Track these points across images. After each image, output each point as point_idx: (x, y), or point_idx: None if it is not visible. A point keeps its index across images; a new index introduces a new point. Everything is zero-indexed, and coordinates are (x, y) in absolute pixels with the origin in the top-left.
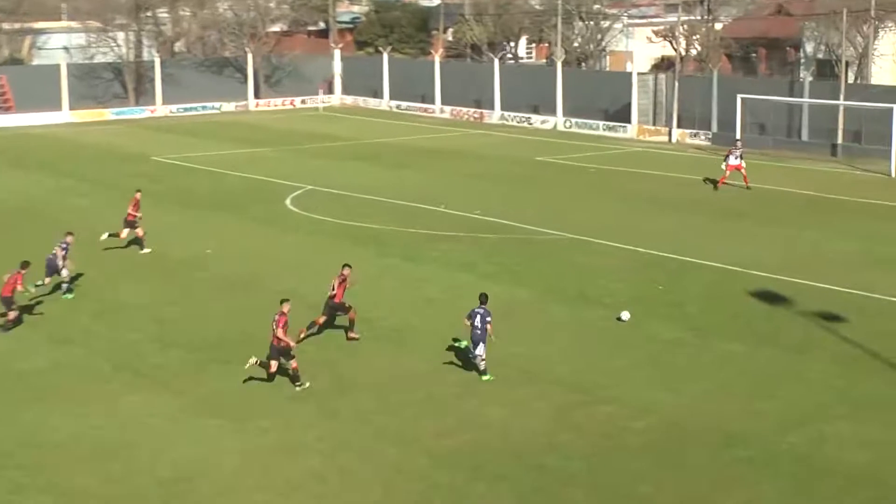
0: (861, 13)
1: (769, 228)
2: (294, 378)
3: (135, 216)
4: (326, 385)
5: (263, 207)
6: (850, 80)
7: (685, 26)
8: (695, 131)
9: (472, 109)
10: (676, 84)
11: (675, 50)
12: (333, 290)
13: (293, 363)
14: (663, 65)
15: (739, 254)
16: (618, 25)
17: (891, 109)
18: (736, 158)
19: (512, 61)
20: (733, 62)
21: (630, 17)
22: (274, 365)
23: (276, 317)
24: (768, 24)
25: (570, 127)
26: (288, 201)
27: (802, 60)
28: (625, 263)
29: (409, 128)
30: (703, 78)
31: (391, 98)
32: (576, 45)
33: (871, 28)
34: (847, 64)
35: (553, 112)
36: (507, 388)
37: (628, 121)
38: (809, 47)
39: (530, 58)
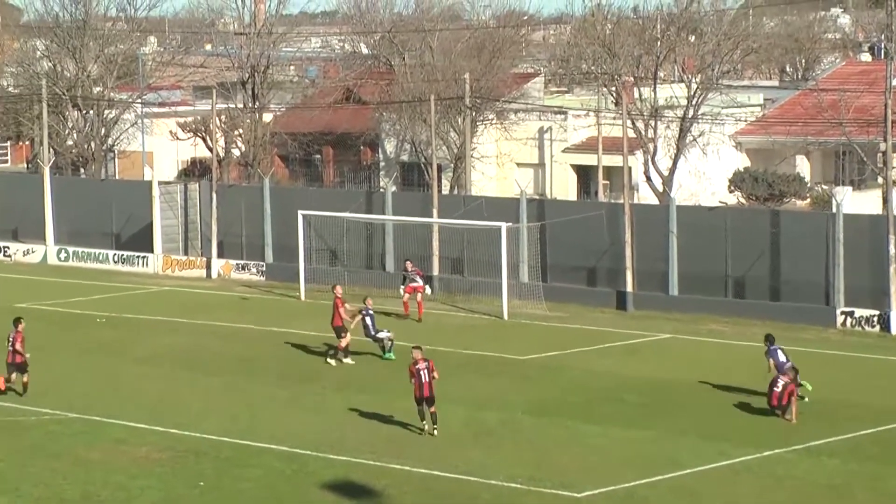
0: (453, 101)
1: (351, 395)
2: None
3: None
4: None
5: None
6: (446, 189)
7: (223, 117)
8: (243, 262)
9: None
10: (215, 197)
11: (211, 150)
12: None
13: (26, 377)
14: (196, 170)
15: (313, 431)
16: (130, 116)
17: (499, 229)
18: (412, 279)
19: None
20: (291, 166)
21: (146, 104)
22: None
23: (12, 335)
24: (335, 115)
25: (67, 259)
26: None
27: (382, 164)
28: (157, 452)
29: None
30: (250, 188)
31: None
32: (70, 142)
33: (466, 121)
34: (440, 169)
35: (41, 238)
36: None
37: (150, 249)
38: (390, 147)
39: (5, 161)
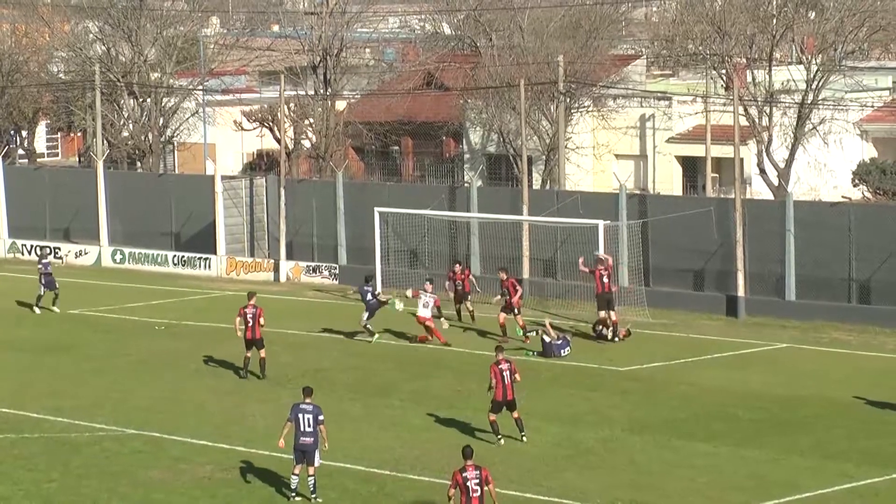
0: (545, 86)
1: (431, 409)
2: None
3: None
4: None
5: None
6: (537, 184)
7: (292, 105)
8: (314, 264)
9: None
10: (283, 193)
11: (279, 141)
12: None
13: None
14: (263, 164)
15: (390, 449)
16: (190, 104)
17: (596, 228)
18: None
19: (25, 160)
20: (366, 159)
21: (208, 91)
22: None
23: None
24: (415, 103)
25: (123, 261)
26: None
27: (467, 156)
28: (221, 472)
29: None
30: (322, 183)
31: None
32: (126, 134)
33: (560, 109)
34: (531, 161)
35: (94, 238)
36: None
37: (212, 251)
38: (475, 137)
39: (55, 154)
